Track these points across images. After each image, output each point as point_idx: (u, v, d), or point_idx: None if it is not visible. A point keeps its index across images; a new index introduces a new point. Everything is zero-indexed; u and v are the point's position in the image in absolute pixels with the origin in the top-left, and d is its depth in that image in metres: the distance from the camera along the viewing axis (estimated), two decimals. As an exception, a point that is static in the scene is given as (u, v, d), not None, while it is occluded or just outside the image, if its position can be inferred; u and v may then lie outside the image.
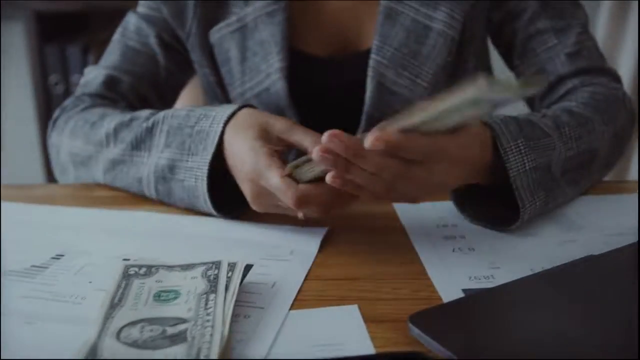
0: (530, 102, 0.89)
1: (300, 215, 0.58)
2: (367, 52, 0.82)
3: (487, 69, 0.97)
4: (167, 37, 0.86)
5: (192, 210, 0.67)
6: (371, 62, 0.81)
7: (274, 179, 0.56)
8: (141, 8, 0.88)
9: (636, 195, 0.73)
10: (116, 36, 0.89)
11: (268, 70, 0.82)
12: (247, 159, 0.59)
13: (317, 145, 0.51)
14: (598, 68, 0.83)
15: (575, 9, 0.85)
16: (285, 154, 0.64)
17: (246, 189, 0.60)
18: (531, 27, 0.84)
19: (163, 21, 0.86)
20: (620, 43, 1.93)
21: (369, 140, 0.49)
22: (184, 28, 0.85)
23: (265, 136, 0.60)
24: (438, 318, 0.46)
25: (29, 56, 1.87)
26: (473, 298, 0.50)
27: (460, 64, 0.84)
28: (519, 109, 0.77)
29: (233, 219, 0.66)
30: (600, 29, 1.93)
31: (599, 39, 1.88)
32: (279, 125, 0.61)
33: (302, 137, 0.60)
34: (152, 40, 0.86)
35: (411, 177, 0.53)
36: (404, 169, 0.52)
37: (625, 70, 1.91)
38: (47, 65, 1.88)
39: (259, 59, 0.83)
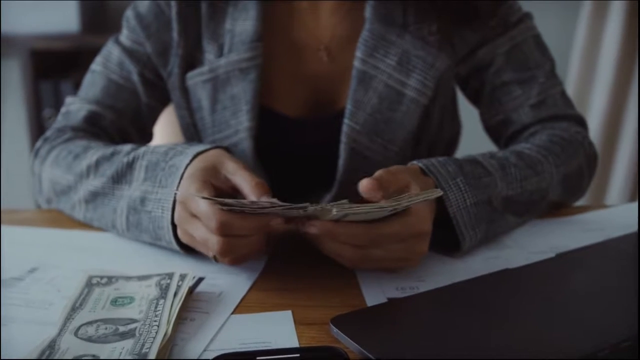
0: (498, 146, 0.92)
1: (210, 256, 0.59)
2: (339, 115, 0.82)
3: (453, 119, 0.98)
4: (149, 75, 0.86)
5: (157, 245, 0.68)
6: (344, 128, 0.81)
7: (203, 203, 0.57)
8: (124, 39, 0.87)
9: (566, 219, 0.80)
10: (98, 67, 0.88)
11: (237, 127, 0.82)
12: (184, 184, 0.61)
13: (252, 191, 0.58)
14: (561, 115, 0.86)
15: (541, 56, 0.87)
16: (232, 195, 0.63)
17: (176, 214, 0.62)
18: (497, 80, 0.86)
19: (146, 58, 0.86)
20: (600, 45, 1.98)
21: (308, 226, 0.57)
22: (166, 67, 0.86)
23: (213, 172, 0.62)
24: (357, 320, 0.52)
25: (24, 91, 1.93)
26: (391, 304, 0.57)
27: (426, 121, 0.85)
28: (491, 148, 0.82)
29: (191, 254, 0.66)
30: (580, 31, 1.98)
31: (578, 41, 1.97)
32: (230, 166, 0.62)
33: (241, 182, 0.60)
34: (135, 78, 0.86)
35: (373, 258, 0.58)
36: (360, 252, 0.58)
37: (604, 70, 1.95)
38: (42, 100, 1.94)
39: (229, 113, 0.83)
